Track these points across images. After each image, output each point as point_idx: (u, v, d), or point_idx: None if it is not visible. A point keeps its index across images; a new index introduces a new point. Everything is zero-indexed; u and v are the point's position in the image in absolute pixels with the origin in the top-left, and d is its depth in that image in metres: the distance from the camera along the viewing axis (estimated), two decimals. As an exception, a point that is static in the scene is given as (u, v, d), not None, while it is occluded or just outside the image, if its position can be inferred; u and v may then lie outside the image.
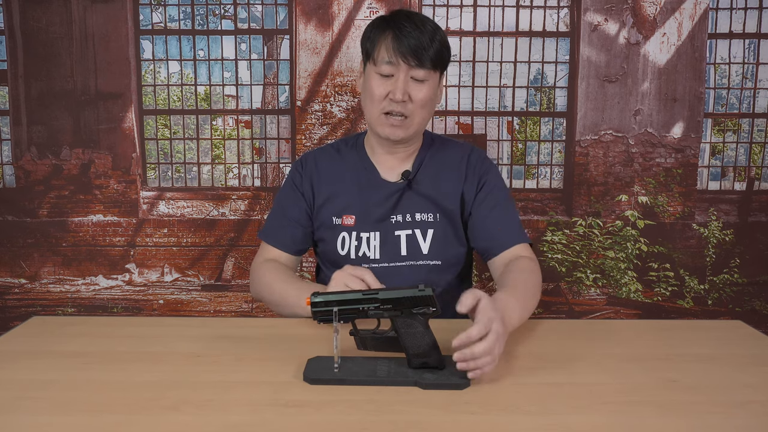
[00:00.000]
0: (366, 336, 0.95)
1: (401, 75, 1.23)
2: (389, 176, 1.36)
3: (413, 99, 1.25)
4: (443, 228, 1.34)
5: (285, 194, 1.41)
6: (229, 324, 1.20)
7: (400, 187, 1.34)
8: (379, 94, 1.25)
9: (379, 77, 1.25)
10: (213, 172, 2.56)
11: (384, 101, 1.25)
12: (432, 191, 1.35)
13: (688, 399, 0.86)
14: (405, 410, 0.82)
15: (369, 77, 1.28)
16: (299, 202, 1.38)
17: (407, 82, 1.24)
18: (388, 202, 1.33)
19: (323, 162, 1.40)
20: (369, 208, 1.33)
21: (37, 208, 2.54)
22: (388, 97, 1.25)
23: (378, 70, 1.25)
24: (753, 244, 2.55)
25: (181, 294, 2.59)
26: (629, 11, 2.45)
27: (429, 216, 1.33)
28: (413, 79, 1.24)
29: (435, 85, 1.28)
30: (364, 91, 1.31)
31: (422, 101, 1.26)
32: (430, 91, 1.26)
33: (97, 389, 0.89)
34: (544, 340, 1.10)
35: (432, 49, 1.22)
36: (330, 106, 2.50)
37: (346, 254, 1.34)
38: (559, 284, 2.57)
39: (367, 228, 1.33)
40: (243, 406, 0.83)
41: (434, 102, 1.31)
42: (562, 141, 2.54)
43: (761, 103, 2.50)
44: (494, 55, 2.49)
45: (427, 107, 1.29)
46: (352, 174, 1.37)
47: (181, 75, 2.51)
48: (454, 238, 1.36)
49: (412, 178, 1.35)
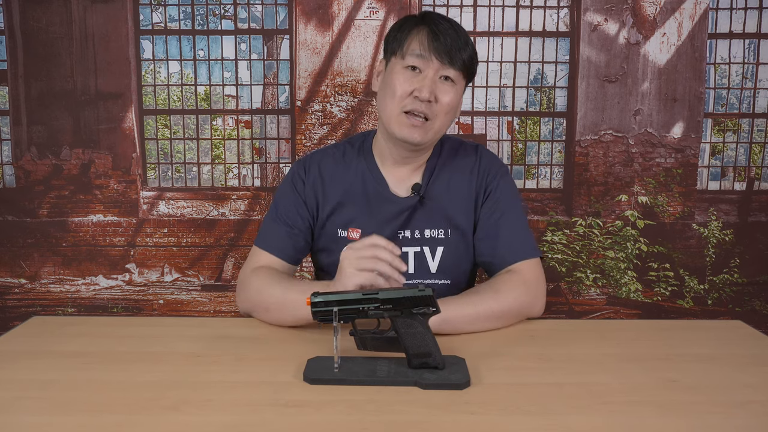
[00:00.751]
0: (366, 336, 0.95)
1: (430, 72, 1.15)
2: (399, 189, 1.27)
3: (439, 100, 1.16)
4: (454, 245, 1.26)
5: (284, 198, 1.30)
6: (229, 324, 1.20)
7: (411, 204, 1.26)
8: (403, 90, 1.16)
9: (406, 72, 1.16)
10: (213, 172, 2.56)
11: (407, 98, 1.16)
12: (443, 205, 1.26)
13: (688, 399, 0.86)
14: (405, 410, 0.82)
15: (392, 72, 1.18)
16: (300, 208, 1.28)
17: (436, 81, 1.16)
18: (397, 219, 1.25)
19: (328, 168, 1.29)
20: (377, 223, 1.24)
21: (37, 208, 2.54)
22: (412, 94, 1.16)
23: (406, 62, 1.16)
24: (753, 244, 2.55)
25: (181, 294, 2.59)
26: (629, 11, 2.45)
27: (440, 232, 1.26)
28: (442, 78, 1.16)
29: (461, 91, 1.21)
30: (384, 87, 1.21)
31: (448, 105, 1.17)
32: (456, 96, 1.19)
33: (97, 389, 0.89)
34: (544, 340, 1.10)
35: (466, 52, 1.16)
36: (330, 106, 2.50)
37: None
38: (559, 284, 2.57)
39: None
40: (243, 406, 0.83)
41: (456, 111, 1.23)
42: (562, 141, 2.54)
43: (761, 103, 2.50)
44: (494, 55, 2.49)
45: (450, 114, 1.20)
46: (359, 184, 1.27)
47: (181, 75, 2.51)
48: (465, 255, 1.28)
49: (424, 192, 1.26)
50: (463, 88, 1.22)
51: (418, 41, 1.15)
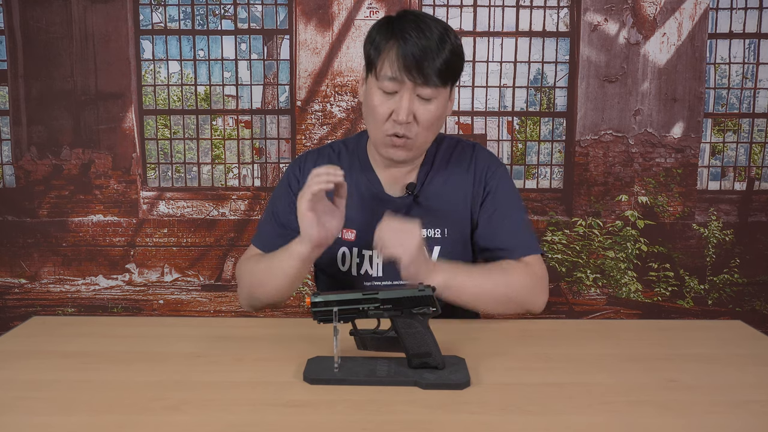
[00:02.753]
0: (366, 336, 0.95)
1: (406, 93, 1.11)
2: (393, 190, 1.27)
3: (419, 120, 1.13)
4: (451, 244, 1.26)
5: (279, 199, 1.32)
6: (229, 324, 1.20)
7: (405, 203, 1.25)
8: (382, 113, 1.13)
9: (382, 94, 1.13)
10: (213, 172, 2.56)
11: (387, 122, 1.14)
12: (439, 204, 1.26)
13: (688, 399, 0.86)
14: (405, 410, 0.82)
15: (370, 92, 1.15)
16: (294, 208, 1.22)
17: (412, 101, 1.11)
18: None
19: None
20: (372, 224, 1.20)
21: (37, 208, 2.54)
22: (390, 117, 1.13)
23: (381, 86, 1.12)
24: (753, 244, 2.55)
25: (181, 294, 2.59)
26: (629, 11, 2.45)
27: (437, 231, 1.25)
28: (419, 97, 1.12)
29: (444, 100, 1.16)
30: (365, 103, 1.18)
31: (429, 122, 1.14)
32: (437, 109, 1.14)
33: (97, 389, 0.89)
34: (544, 340, 1.10)
35: (440, 60, 1.09)
36: (330, 106, 2.50)
37: (347, 270, 1.27)
38: (559, 284, 2.57)
39: (370, 245, 1.22)
40: (243, 406, 0.83)
41: (443, 118, 1.19)
42: (562, 141, 2.54)
43: (761, 103, 2.50)
44: (494, 55, 2.49)
45: (434, 127, 1.17)
46: (354, 184, 1.26)
47: (181, 75, 2.51)
48: (462, 254, 1.27)
49: (418, 191, 1.26)
50: (447, 94, 1.17)
51: (389, 62, 1.10)
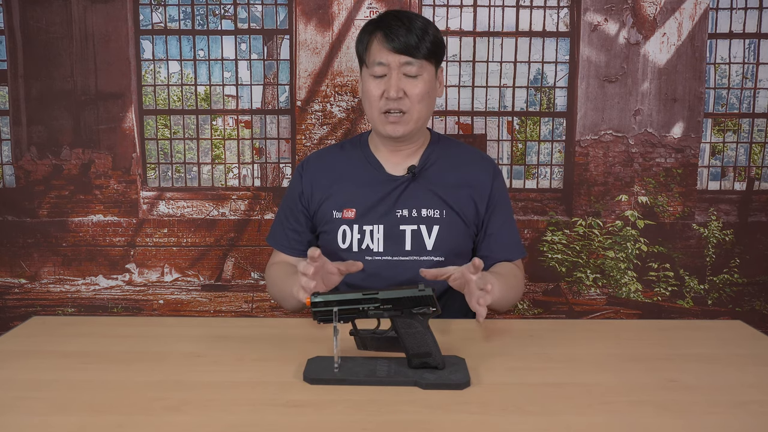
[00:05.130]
0: (366, 336, 0.95)
1: (393, 72, 1.26)
2: (395, 171, 1.38)
3: (408, 94, 1.27)
4: (449, 224, 1.34)
5: (286, 200, 1.46)
6: (229, 324, 1.21)
7: (404, 180, 1.36)
8: (375, 94, 1.28)
9: (374, 79, 1.28)
10: (213, 172, 2.56)
11: (381, 101, 1.28)
12: (439, 186, 1.36)
13: (688, 399, 0.86)
14: (405, 410, 0.82)
15: (365, 82, 1.31)
16: (298, 207, 1.42)
17: (400, 79, 1.26)
18: (392, 195, 1.35)
19: (326, 159, 1.43)
20: (372, 201, 1.35)
21: (37, 208, 2.54)
22: (383, 96, 1.27)
23: (371, 72, 1.28)
24: (753, 244, 2.55)
25: (181, 294, 2.59)
26: (629, 11, 2.45)
27: (435, 212, 1.34)
28: (406, 75, 1.26)
29: (431, 78, 1.30)
30: (362, 93, 1.34)
31: (419, 96, 1.28)
32: (425, 85, 1.28)
33: (97, 389, 0.89)
34: (544, 340, 1.10)
35: (419, 34, 1.24)
36: (330, 106, 2.50)
37: (347, 247, 1.34)
38: (559, 284, 2.57)
39: (370, 221, 1.33)
40: (243, 406, 0.83)
41: (433, 96, 1.32)
42: (562, 141, 2.54)
43: (761, 103, 2.50)
44: (494, 55, 2.49)
45: (425, 101, 1.30)
46: (355, 169, 1.39)
47: (181, 75, 2.51)
48: (461, 235, 1.37)
49: (418, 171, 1.36)
50: (433, 73, 1.31)
51: (376, 50, 1.27)
